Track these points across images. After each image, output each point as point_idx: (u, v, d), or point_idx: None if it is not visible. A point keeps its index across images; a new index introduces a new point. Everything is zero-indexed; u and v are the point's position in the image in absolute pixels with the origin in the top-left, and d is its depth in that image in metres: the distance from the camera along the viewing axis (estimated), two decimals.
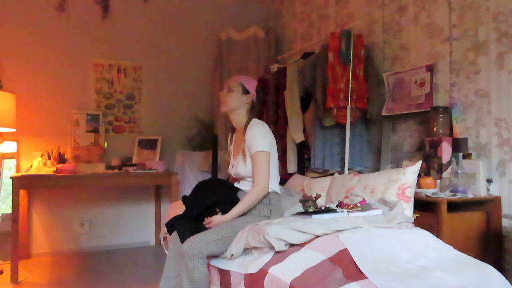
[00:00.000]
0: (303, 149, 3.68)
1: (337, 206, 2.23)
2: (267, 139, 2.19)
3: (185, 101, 4.64)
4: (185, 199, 2.38)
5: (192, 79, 4.69)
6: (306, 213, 2.08)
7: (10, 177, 3.36)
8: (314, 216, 1.98)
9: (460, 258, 1.67)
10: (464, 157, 2.50)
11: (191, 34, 4.74)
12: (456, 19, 2.69)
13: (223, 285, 2.08)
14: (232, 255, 1.99)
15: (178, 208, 3.07)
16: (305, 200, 2.18)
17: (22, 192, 3.83)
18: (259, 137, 2.16)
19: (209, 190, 2.32)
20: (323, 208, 2.19)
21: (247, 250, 1.98)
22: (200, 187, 2.39)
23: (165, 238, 3.35)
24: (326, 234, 1.81)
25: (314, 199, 2.18)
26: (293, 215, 2.18)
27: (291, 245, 1.81)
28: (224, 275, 2.05)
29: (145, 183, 4.09)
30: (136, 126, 4.50)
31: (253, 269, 1.80)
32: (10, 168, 4.01)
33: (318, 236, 1.81)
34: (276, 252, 1.80)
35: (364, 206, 2.10)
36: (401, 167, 2.71)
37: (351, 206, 2.11)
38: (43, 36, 4.13)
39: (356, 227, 1.84)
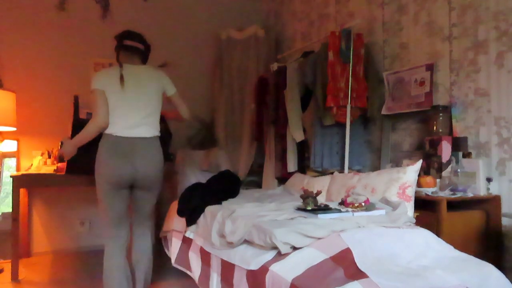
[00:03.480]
0: (303, 148, 3.69)
1: (340, 204, 2.24)
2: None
3: (185, 100, 4.62)
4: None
5: (192, 78, 4.69)
6: (311, 210, 2.08)
7: (10, 176, 3.36)
8: (320, 216, 1.98)
9: (461, 257, 1.68)
10: (464, 156, 2.50)
11: (191, 33, 4.74)
12: (456, 18, 2.69)
13: (224, 276, 2.09)
14: (232, 243, 2.02)
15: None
16: (305, 196, 2.20)
17: (22, 191, 3.83)
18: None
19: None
20: (322, 205, 2.20)
21: (249, 242, 1.99)
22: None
23: (165, 238, 3.36)
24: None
25: (314, 195, 2.19)
26: (295, 211, 2.19)
27: None
28: (226, 266, 2.06)
29: None
30: None
31: (254, 265, 1.81)
32: (10, 167, 4.01)
33: None
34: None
35: (368, 206, 2.11)
36: (401, 166, 2.72)
37: (356, 205, 2.11)
38: (44, 35, 4.13)
39: (359, 227, 1.84)
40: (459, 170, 2.43)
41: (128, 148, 2.39)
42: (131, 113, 2.44)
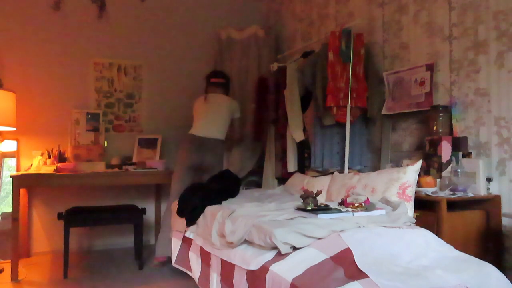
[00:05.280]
0: (303, 148, 3.69)
1: (340, 204, 2.24)
2: None
3: (185, 100, 4.63)
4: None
5: (192, 77, 4.69)
6: (311, 210, 2.08)
7: (10, 176, 3.36)
8: (320, 216, 1.98)
9: (461, 257, 1.68)
10: (464, 156, 2.50)
11: (191, 33, 4.74)
12: (456, 18, 2.69)
13: (224, 276, 2.09)
14: (232, 243, 2.02)
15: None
16: (305, 196, 2.20)
17: (22, 191, 3.83)
18: None
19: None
20: (322, 205, 2.20)
21: (249, 242, 1.99)
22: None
23: None
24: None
25: (314, 195, 2.19)
26: (295, 210, 2.19)
27: None
28: (226, 266, 2.06)
29: (145, 182, 4.09)
30: (136, 125, 4.50)
31: (254, 265, 1.80)
32: (10, 167, 4.01)
33: None
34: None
35: (368, 206, 2.11)
36: (401, 166, 2.71)
37: (356, 205, 2.11)
38: (43, 35, 4.13)
39: (359, 227, 1.84)
40: (459, 170, 2.43)
41: None
42: None
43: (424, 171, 2.60)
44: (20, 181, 3.35)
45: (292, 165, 3.72)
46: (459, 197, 2.30)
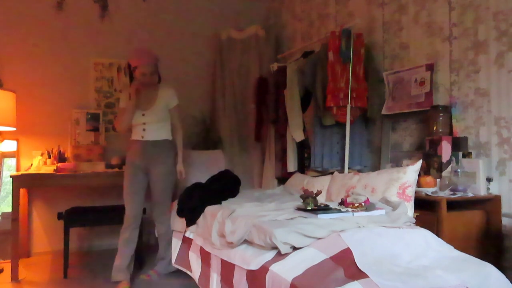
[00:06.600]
0: (303, 148, 3.69)
1: (340, 204, 2.24)
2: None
3: (185, 100, 4.61)
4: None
5: (192, 78, 4.69)
6: (311, 210, 2.09)
7: (10, 176, 3.36)
8: (320, 216, 1.98)
9: (461, 257, 1.68)
10: (464, 156, 2.50)
11: (191, 33, 4.74)
12: (456, 18, 2.69)
13: (224, 276, 2.09)
14: (232, 243, 2.02)
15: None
16: (305, 196, 2.20)
17: (22, 191, 3.83)
18: (176, 95, 3.32)
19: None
20: (322, 205, 2.20)
21: (249, 242, 1.99)
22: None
23: None
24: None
25: (314, 195, 2.19)
26: (295, 210, 2.19)
27: None
28: (226, 266, 2.06)
29: None
30: None
31: (254, 265, 1.81)
32: (10, 167, 4.01)
33: None
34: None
35: (368, 206, 2.11)
36: (401, 166, 2.71)
37: (356, 205, 2.11)
38: (43, 35, 4.13)
39: (360, 227, 1.84)
40: (459, 170, 2.43)
41: None
42: None
43: (424, 171, 2.60)
44: (20, 181, 3.34)
45: (292, 165, 3.72)
46: (459, 197, 2.30)
